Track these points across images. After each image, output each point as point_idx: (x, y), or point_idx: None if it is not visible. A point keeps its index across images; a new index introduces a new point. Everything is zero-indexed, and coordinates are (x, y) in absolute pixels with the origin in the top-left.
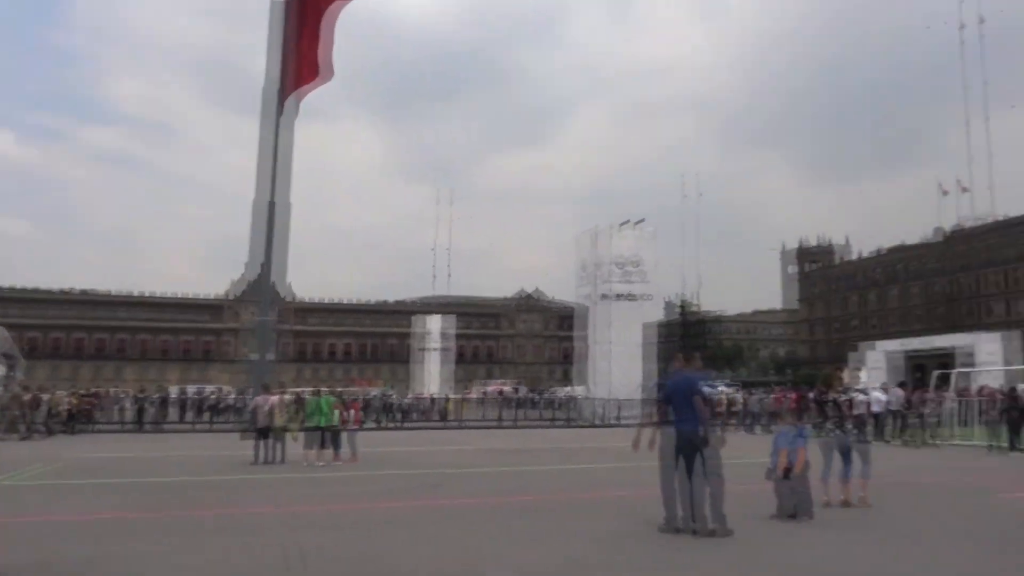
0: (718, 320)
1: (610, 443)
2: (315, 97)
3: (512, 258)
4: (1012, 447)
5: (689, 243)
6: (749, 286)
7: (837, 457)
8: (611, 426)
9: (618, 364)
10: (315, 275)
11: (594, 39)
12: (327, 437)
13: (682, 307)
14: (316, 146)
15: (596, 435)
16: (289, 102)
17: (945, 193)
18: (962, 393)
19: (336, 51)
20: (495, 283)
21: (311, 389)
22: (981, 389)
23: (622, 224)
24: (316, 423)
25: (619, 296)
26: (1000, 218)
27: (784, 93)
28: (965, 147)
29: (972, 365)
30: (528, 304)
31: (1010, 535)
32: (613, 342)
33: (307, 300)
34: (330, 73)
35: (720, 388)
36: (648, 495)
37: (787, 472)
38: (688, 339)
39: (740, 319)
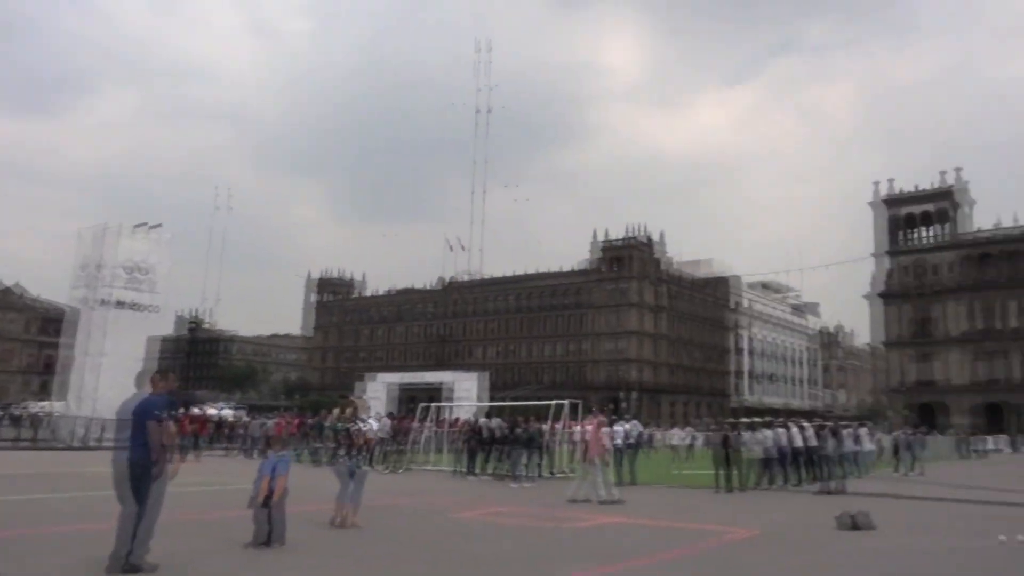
0: (232, 340)
1: (84, 468)
2: None
3: None
4: (469, 472)
5: (213, 257)
6: (273, 308)
7: (346, 482)
8: (92, 448)
9: (111, 379)
10: None
11: (131, 21)
12: None
13: (193, 323)
14: None
15: (70, 459)
16: None
17: (451, 248)
18: (440, 424)
19: None
20: None
21: None
22: (455, 421)
23: (137, 226)
24: None
25: (122, 304)
26: (486, 276)
27: (326, 129)
28: (469, 212)
29: (452, 399)
30: (5, 300)
31: (452, 549)
32: (108, 354)
33: None
34: None
35: (225, 409)
36: (108, 528)
37: (267, 499)
38: (197, 357)
39: (257, 341)
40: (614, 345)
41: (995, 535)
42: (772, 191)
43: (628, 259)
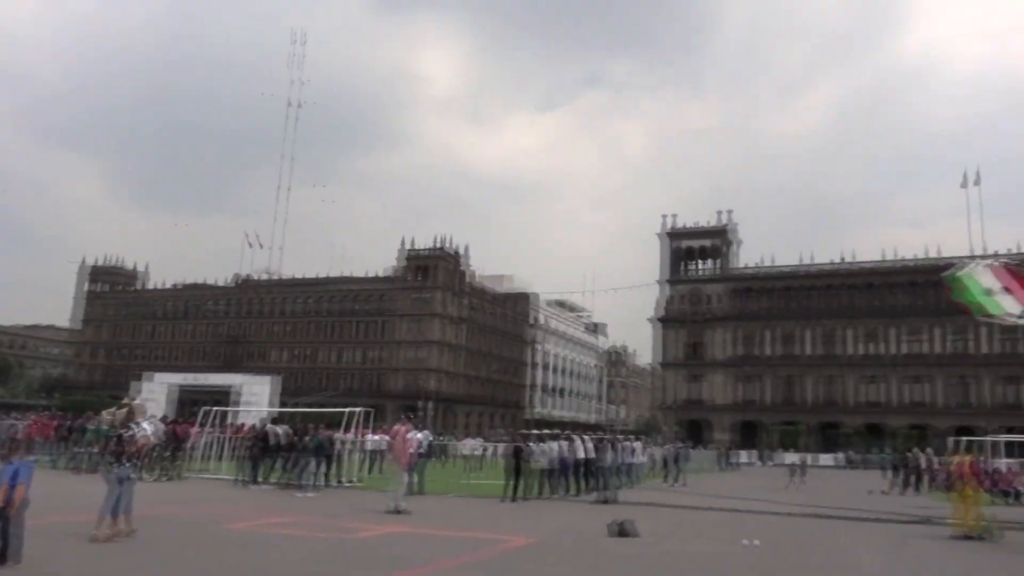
0: None
1: None
2: None
3: None
4: (252, 480)
5: None
6: (35, 296)
7: (114, 491)
8: None
9: None
10: None
11: None
12: None
13: None
14: None
15: None
16: None
17: (250, 245)
18: (224, 429)
19: None
20: None
21: None
22: (241, 426)
23: None
24: None
25: None
26: (286, 277)
27: (113, 102)
28: (272, 208)
29: (241, 403)
30: None
31: (223, 561)
32: None
33: None
34: None
35: None
36: None
37: (3, 510)
38: None
39: (12, 331)
40: (414, 354)
41: (739, 540)
42: (571, 215)
43: (434, 269)
